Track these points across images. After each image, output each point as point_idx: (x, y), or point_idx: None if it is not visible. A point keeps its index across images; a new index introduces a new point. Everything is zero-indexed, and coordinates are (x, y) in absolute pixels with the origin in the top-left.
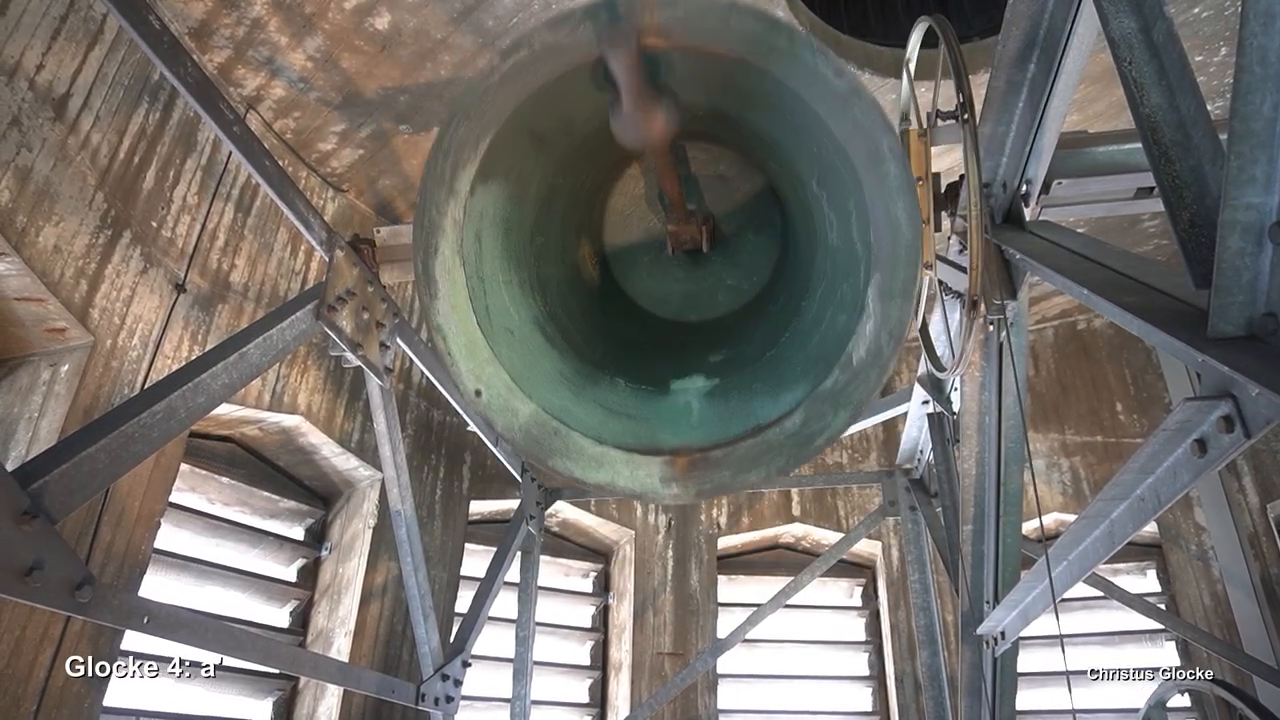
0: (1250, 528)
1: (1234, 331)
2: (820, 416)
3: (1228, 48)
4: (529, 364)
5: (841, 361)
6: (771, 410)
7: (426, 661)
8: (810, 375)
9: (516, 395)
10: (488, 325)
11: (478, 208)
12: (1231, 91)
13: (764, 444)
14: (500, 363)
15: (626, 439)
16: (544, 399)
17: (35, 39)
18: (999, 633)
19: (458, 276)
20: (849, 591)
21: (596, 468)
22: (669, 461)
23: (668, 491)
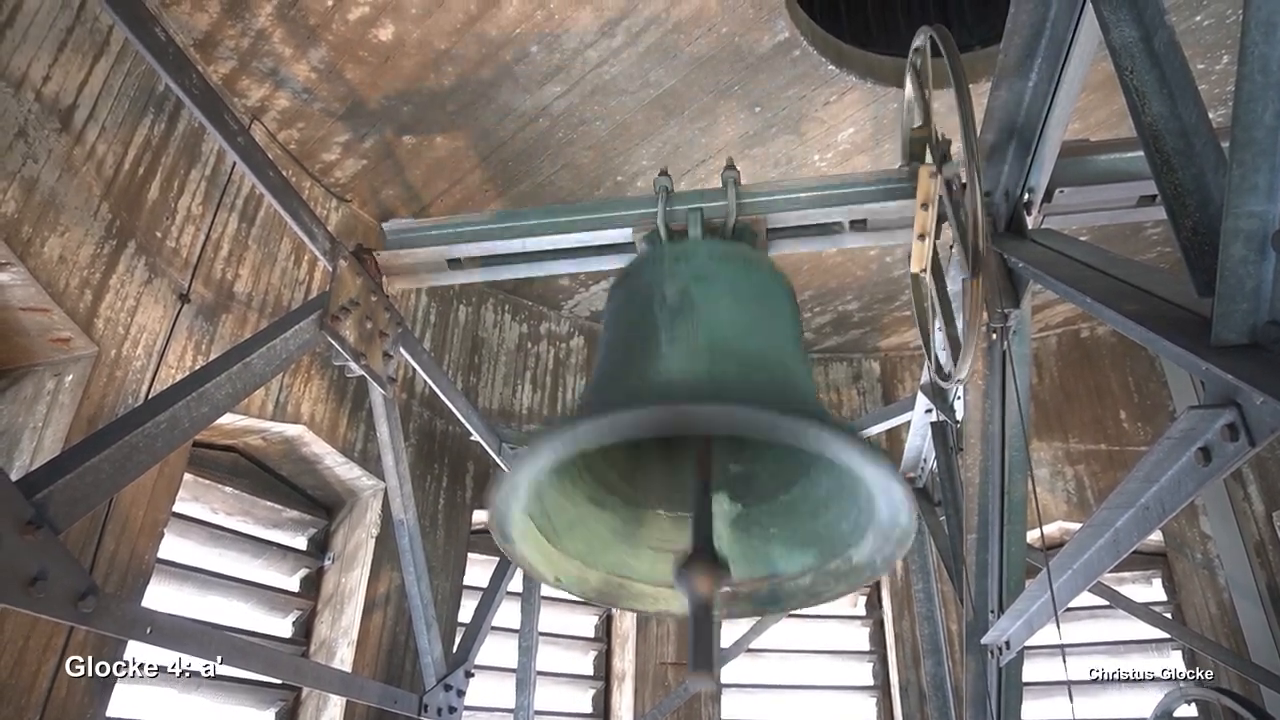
0: (1256, 536)
1: (1237, 339)
2: (825, 584)
3: (1229, 56)
4: (589, 544)
5: (844, 557)
6: (787, 567)
7: (429, 672)
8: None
9: (586, 571)
10: (554, 537)
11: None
12: (1233, 100)
13: (781, 589)
14: (568, 556)
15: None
16: (606, 564)
17: (42, 50)
18: (1004, 642)
19: (527, 526)
20: (853, 600)
21: (654, 603)
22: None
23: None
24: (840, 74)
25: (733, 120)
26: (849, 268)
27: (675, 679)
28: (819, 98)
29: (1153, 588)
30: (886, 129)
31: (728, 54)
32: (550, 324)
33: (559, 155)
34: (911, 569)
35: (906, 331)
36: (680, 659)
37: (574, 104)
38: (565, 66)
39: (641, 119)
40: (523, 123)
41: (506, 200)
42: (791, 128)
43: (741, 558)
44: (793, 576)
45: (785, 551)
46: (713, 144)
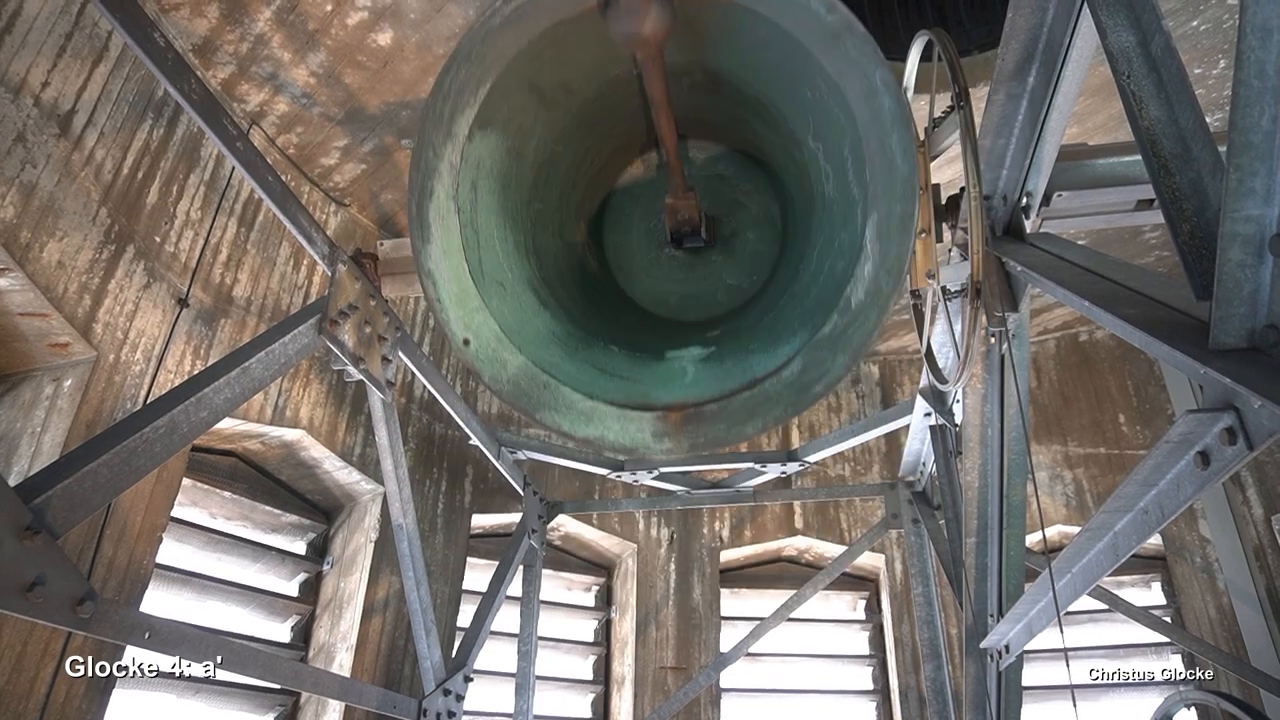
0: (1255, 540)
1: (1235, 343)
2: (819, 363)
3: (1226, 60)
4: (520, 319)
5: (840, 307)
6: (769, 363)
7: (428, 676)
8: (808, 325)
9: (506, 347)
10: (480, 276)
11: (475, 156)
12: (1230, 104)
13: (760, 395)
14: (490, 313)
15: (618, 396)
16: (534, 353)
17: (41, 56)
18: (1003, 646)
19: (451, 224)
20: (852, 605)
21: (586, 422)
22: (661, 416)
23: (659, 446)
24: None
25: None
26: None
27: (675, 684)
28: None
29: (1152, 591)
30: None
31: None
32: None
33: None
34: (911, 573)
35: (905, 335)
36: (679, 664)
37: None
38: None
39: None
40: None
41: None
42: None
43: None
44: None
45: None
46: None
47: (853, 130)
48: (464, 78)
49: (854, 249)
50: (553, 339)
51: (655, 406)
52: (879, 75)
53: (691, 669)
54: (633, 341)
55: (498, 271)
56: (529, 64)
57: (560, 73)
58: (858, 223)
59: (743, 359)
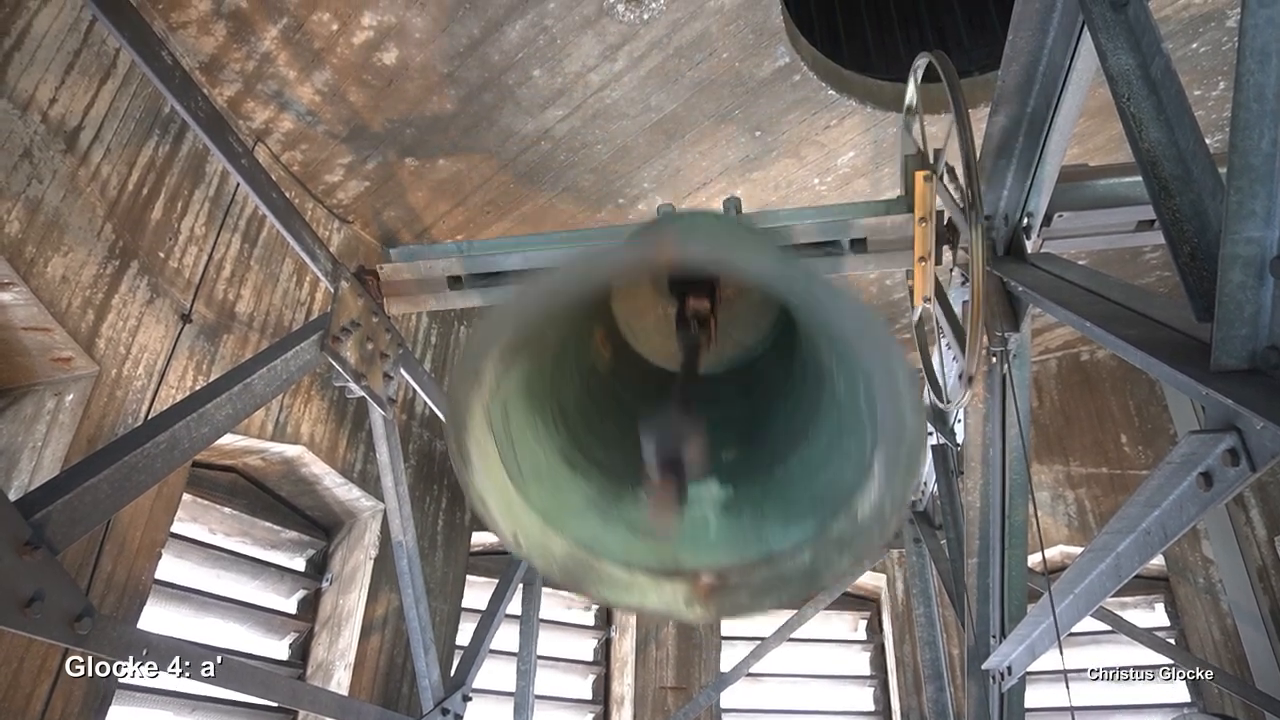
0: (1259, 561)
1: (1237, 365)
2: (828, 559)
3: (1225, 82)
4: (558, 501)
5: (848, 513)
6: (782, 541)
7: (427, 695)
8: (818, 515)
9: (549, 535)
10: (519, 479)
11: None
12: (1230, 127)
13: (777, 575)
14: (531, 507)
15: (651, 562)
16: (574, 532)
17: (49, 73)
18: (1005, 668)
19: (489, 448)
20: (853, 625)
21: (626, 592)
22: (690, 587)
23: (691, 612)
24: (840, 99)
25: (733, 144)
26: None
27: (675, 704)
28: (819, 122)
29: (1155, 613)
30: (886, 153)
31: (728, 79)
32: None
33: (561, 178)
34: (913, 593)
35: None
36: (679, 684)
37: (576, 127)
38: (567, 90)
39: (643, 143)
40: (525, 145)
41: (508, 222)
42: (792, 151)
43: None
44: (789, 554)
45: (780, 528)
46: (713, 168)
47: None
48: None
49: (862, 467)
50: (588, 506)
51: (684, 572)
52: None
53: (692, 689)
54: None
55: (533, 462)
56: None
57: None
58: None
59: (758, 523)
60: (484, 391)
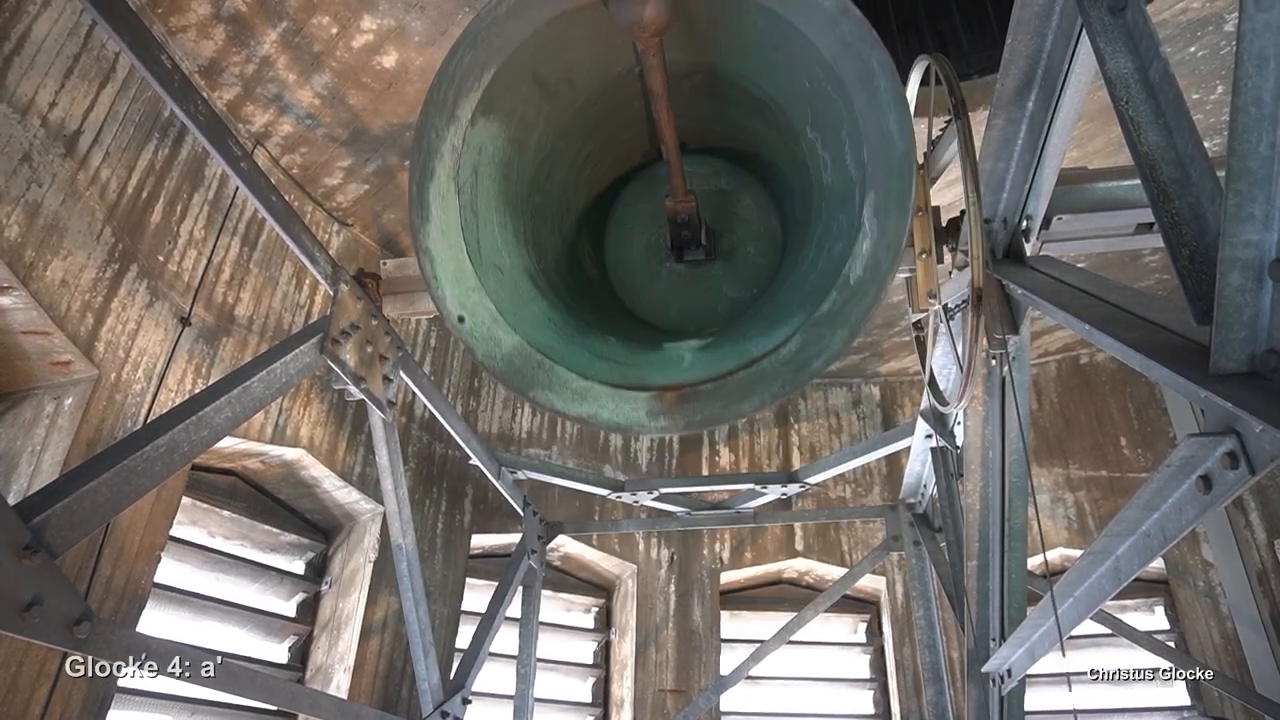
0: (1258, 564)
1: (1236, 368)
2: (817, 340)
3: (1224, 85)
4: (516, 302)
5: (839, 284)
6: (766, 344)
7: (426, 698)
8: (806, 306)
9: (501, 326)
10: (477, 257)
11: (477, 140)
12: (1228, 130)
13: (757, 373)
14: (487, 293)
15: (613, 377)
16: (530, 334)
17: (49, 77)
18: (1005, 671)
19: (451, 203)
20: (853, 628)
21: (580, 400)
22: (657, 396)
23: (654, 424)
24: None
25: None
26: None
27: (674, 707)
28: None
29: (1155, 616)
30: None
31: None
32: None
33: None
34: (912, 596)
35: (906, 357)
36: (679, 686)
37: None
38: None
39: None
40: None
41: None
42: None
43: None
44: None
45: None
46: None
47: (850, 114)
48: (468, 63)
49: (852, 229)
50: (549, 323)
51: (650, 387)
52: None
53: (691, 692)
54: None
55: (495, 256)
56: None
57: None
58: (855, 203)
59: (740, 344)
60: (458, 131)
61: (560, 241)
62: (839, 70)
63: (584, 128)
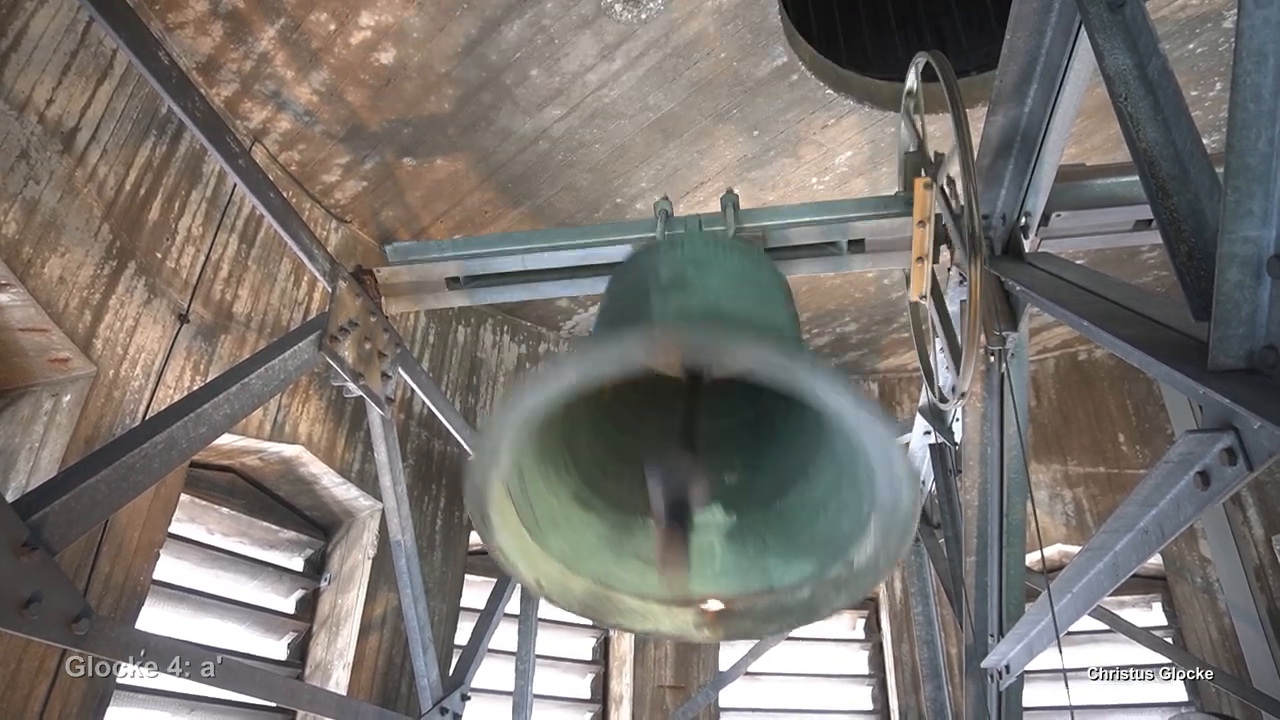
0: (1256, 560)
1: (1234, 364)
2: (825, 596)
3: (1222, 82)
4: (574, 544)
5: (845, 560)
6: (784, 578)
7: (425, 694)
8: (817, 557)
9: (569, 577)
10: (536, 529)
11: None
12: (1227, 127)
13: (779, 605)
14: (551, 554)
15: (663, 593)
16: (591, 571)
17: (46, 74)
18: (1004, 666)
19: (507, 509)
20: (852, 624)
21: (643, 620)
22: (700, 614)
23: (700, 634)
24: (838, 98)
25: (731, 143)
26: (847, 290)
27: (673, 702)
28: (817, 121)
29: (1153, 612)
30: (884, 152)
31: (726, 78)
32: (549, 344)
33: (558, 177)
34: (911, 592)
35: (905, 353)
36: (678, 682)
37: (573, 127)
38: (565, 90)
39: (640, 142)
40: (522, 145)
41: (506, 222)
42: (789, 151)
43: (737, 571)
44: (790, 589)
45: (782, 562)
46: (711, 167)
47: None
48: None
49: (860, 521)
50: (602, 544)
51: (693, 600)
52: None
53: (690, 688)
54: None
55: (549, 512)
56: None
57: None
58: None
59: (761, 555)
60: (502, 468)
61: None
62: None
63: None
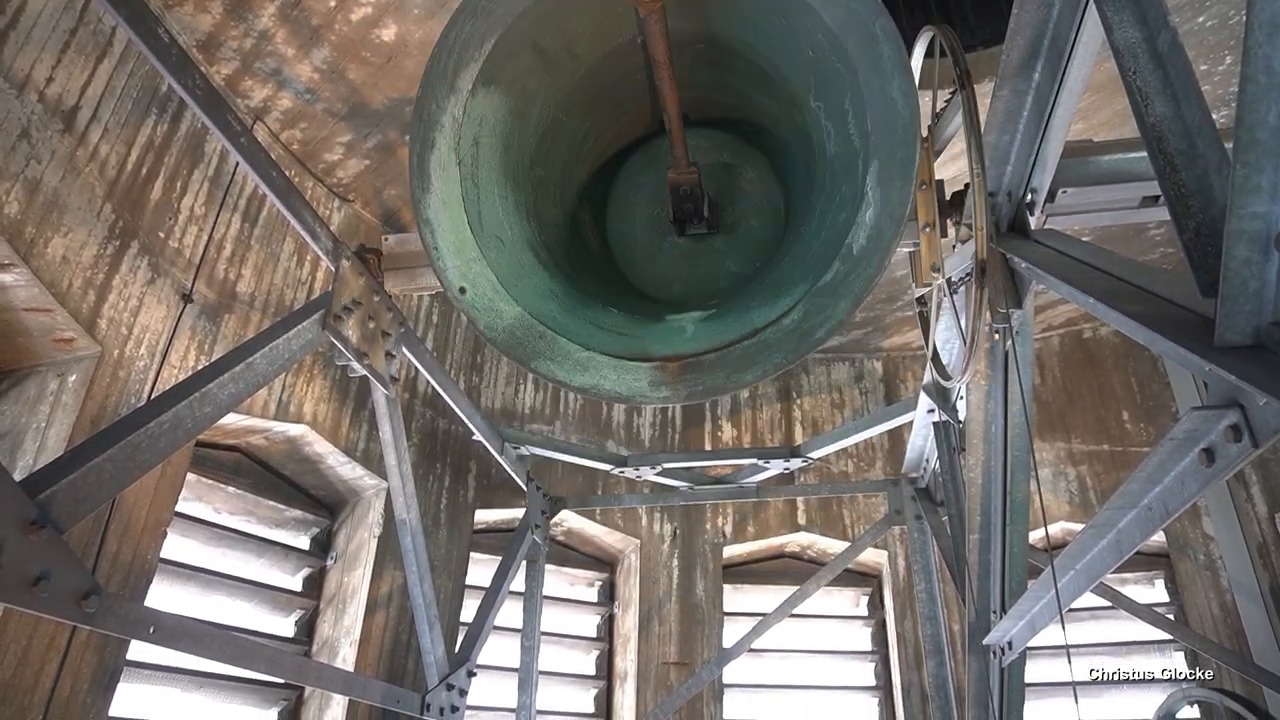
0: (1259, 537)
1: (1241, 340)
2: (820, 310)
3: (1232, 56)
4: (518, 273)
5: (841, 254)
6: (769, 314)
7: (432, 671)
8: (809, 276)
9: (502, 297)
10: (478, 227)
11: (478, 111)
12: (1237, 101)
13: (760, 344)
14: (488, 264)
15: (615, 348)
16: (531, 305)
17: (45, 52)
18: (1006, 643)
19: (452, 174)
20: (855, 601)
21: (582, 371)
22: (659, 366)
23: (656, 394)
24: None
25: None
26: None
27: (677, 679)
28: None
29: (1155, 589)
30: None
31: None
32: None
33: None
34: (914, 569)
35: (909, 331)
36: (681, 659)
37: None
38: None
39: None
40: None
41: None
42: None
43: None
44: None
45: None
46: None
47: (854, 82)
48: (468, 32)
49: (855, 198)
50: (550, 295)
51: (652, 357)
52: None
53: (694, 664)
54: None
55: (497, 227)
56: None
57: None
58: (859, 173)
59: (743, 314)
60: (458, 102)
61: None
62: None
63: (586, 99)
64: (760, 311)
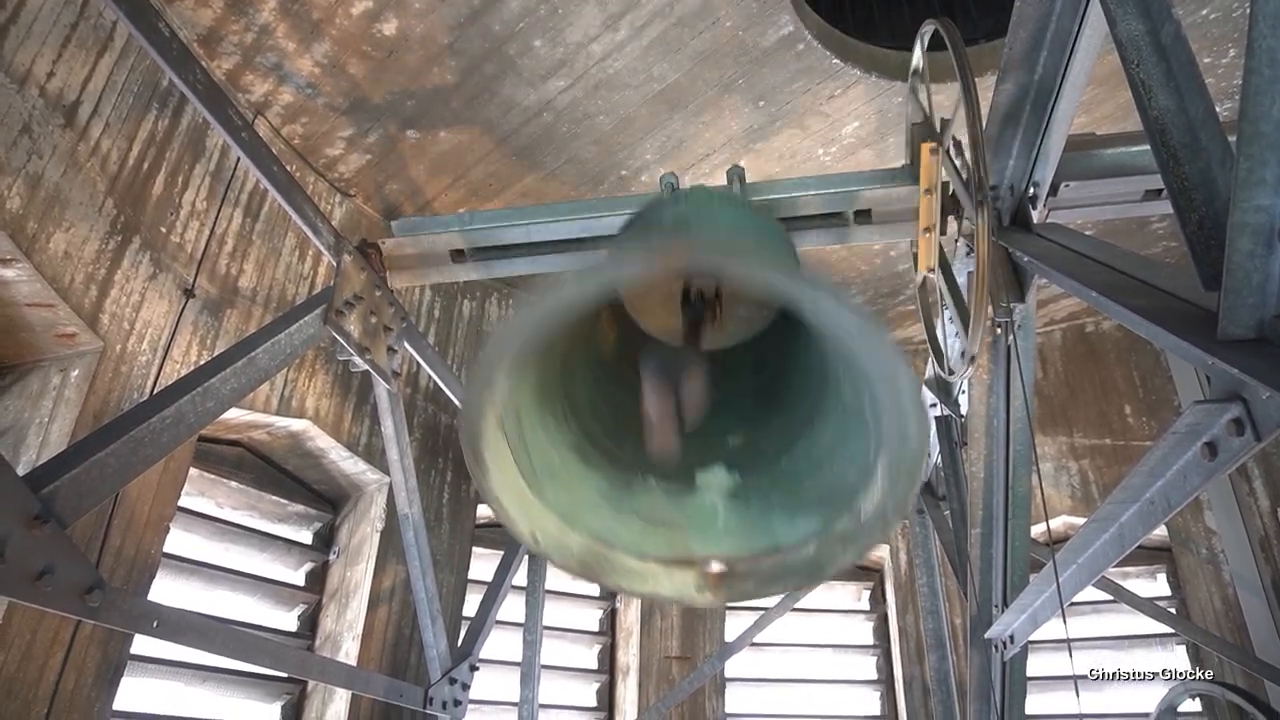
0: (1261, 531)
1: (1244, 334)
2: (830, 552)
3: (1236, 49)
4: (573, 498)
5: (851, 513)
6: (789, 535)
7: (434, 665)
8: (822, 512)
9: (566, 532)
10: (533, 479)
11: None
12: (1240, 94)
13: (783, 565)
14: (548, 507)
15: (664, 552)
16: (589, 527)
17: (46, 47)
18: (1008, 637)
19: (503, 452)
20: (857, 595)
21: (641, 581)
22: (702, 575)
23: (701, 598)
24: (845, 68)
25: (737, 114)
26: (853, 262)
27: (679, 673)
28: (823, 92)
29: (1157, 583)
30: (891, 122)
31: (732, 48)
32: None
33: (563, 150)
34: (915, 563)
35: (911, 325)
36: (684, 653)
37: (577, 98)
38: (569, 60)
39: (645, 113)
40: (526, 117)
41: (510, 195)
42: (795, 122)
43: (740, 531)
44: (795, 547)
45: (787, 520)
46: (716, 138)
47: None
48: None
49: (865, 469)
50: (601, 500)
51: (695, 561)
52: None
53: (696, 658)
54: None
55: (547, 461)
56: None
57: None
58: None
59: (765, 514)
60: (496, 400)
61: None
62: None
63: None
64: (781, 524)
